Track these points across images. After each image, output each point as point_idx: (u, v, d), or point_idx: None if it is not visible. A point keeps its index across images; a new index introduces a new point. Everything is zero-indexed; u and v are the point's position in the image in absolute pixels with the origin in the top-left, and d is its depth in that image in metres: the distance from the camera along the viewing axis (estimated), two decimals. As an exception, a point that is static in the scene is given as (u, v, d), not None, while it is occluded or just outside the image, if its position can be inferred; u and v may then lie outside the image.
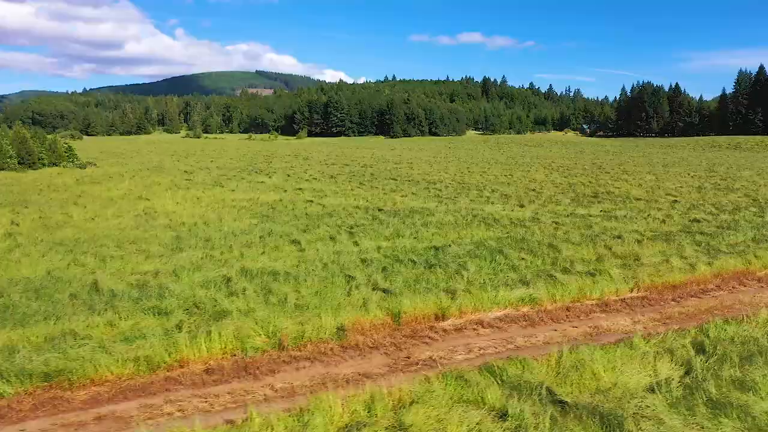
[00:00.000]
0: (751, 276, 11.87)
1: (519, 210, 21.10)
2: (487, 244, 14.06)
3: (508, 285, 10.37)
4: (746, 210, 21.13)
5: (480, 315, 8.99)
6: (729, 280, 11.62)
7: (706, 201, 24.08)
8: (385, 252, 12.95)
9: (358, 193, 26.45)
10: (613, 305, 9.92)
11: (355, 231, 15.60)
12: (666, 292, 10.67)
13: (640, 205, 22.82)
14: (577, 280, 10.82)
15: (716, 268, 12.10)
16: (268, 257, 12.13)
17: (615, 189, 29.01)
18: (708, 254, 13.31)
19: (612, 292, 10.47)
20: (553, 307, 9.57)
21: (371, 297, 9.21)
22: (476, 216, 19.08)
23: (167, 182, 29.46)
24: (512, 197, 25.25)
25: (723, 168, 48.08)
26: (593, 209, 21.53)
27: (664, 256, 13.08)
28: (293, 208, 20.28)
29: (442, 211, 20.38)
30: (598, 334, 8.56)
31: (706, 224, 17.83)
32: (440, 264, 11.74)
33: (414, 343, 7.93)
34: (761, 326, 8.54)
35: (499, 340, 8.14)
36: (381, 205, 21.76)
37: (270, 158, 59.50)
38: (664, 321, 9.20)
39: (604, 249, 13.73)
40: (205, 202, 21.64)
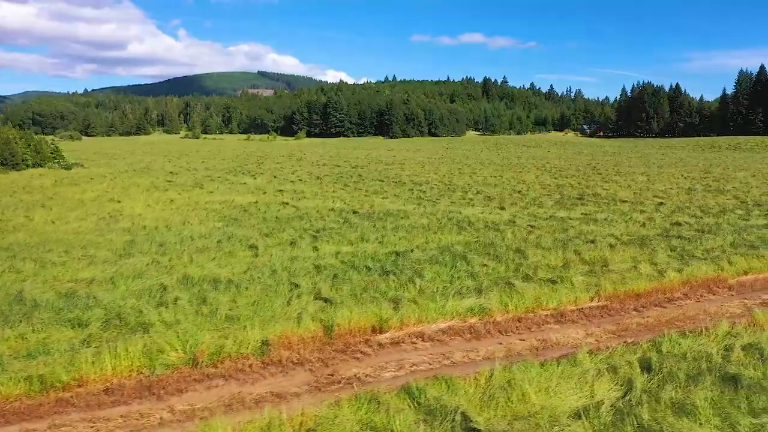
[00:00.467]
0: (722, 283, 11.32)
1: (498, 212, 20.58)
2: (452, 249, 13.54)
3: (462, 294, 9.85)
4: (732, 213, 20.58)
5: (422, 327, 8.47)
6: (698, 287, 11.07)
7: (693, 203, 23.52)
8: (343, 258, 12.45)
9: (339, 194, 25.95)
10: (569, 316, 9.39)
11: (319, 235, 15.10)
12: (628, 302, 10.13)
13: (624, 207, 22.28)
14: (536, 289, 10.30)
15: (686, 275, 11.56)
16: (217, 263, 11.64)
17: (603, 191, 28.46)
18: (681, 260, 12.76)
19: (571, 301, 9.94)
20: (504, 318, 9.05)
21: (308, 308, 8.71)
22: (451, 219, 18.57)
23: (147, 183, 29.01)
24: (495, 199, 24.73)
25: (719, 169, 47.46)
26: (575, 212, 21.00)
27: (634, 262, 12.54)
28: (265, 211, 19.79)
29: (419, 213, 19.87)
30: (545, 348, 8.04)
31: (687, 228, 17.29)
32: (396, 271, 11.23)
33: (343, 359, 7.42)
34: (720, 340, 8.01)
35: (437, 356, 7.62)
36: (358, 208, 21.26)
37: (263, 159, 59.08)
38: (619, 333, 8.67)
39: (573, 254, 13.19)
40: (177, 205, 21.17)
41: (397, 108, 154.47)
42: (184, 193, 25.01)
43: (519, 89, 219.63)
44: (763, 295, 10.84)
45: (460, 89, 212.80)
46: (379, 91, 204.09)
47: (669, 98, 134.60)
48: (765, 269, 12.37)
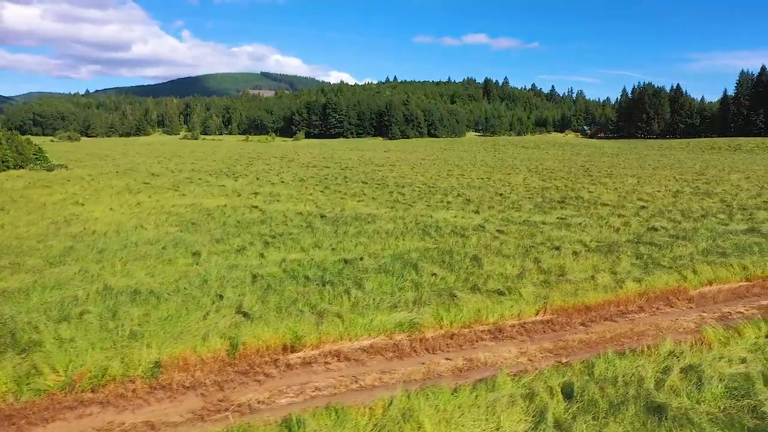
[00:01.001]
0: (682, 294, 10.66)
1: (471, 217, 19.94)
2: (406, 257, 12.92)
3: (397, 307, 9.23)
4: (714, 217, 19.89)
5: (342, 345, 7.85)
6: (656, 300, 10.42)
7: (676, 207, 22.84)
8: (286, 266, 11.84)
9: (314, 197, 25.35)
10: (509, 331, 8.76)
11: (273, 241, 14.49)
12: (576, 315, 9.49)
13: (604, 211, 21.61)
14: (481, 301, 9.68)
15: (645, 286, 10.91)
16: (148, 272, 11.05)
17: (587, 194, 27.78)
18: (644, 269, 12.11)
19: (513, 315, 9.31)
20: (436, 334, 8.42)
21: (220, 323, 8.10)
22: (419, 224, 17.94)
23: (122, 185, 28.47)
24: (474, 202, 24.08)
25: (714, 171, 46.69)
26: (551, 216, 20.35)
27: (594, 271, 11.90)
28: (230, 215, 19.20)
29: (388, 218, 19.24)
30: (470, 369, 7.41)
31: (663, 233, 16.62)
32: (336, 281, 10.62)
33: (242, 382, 6.81)
34: (660, 361, 7.37)
35: (347, 378, 7.00)
36: (328, 211, 20.65)
37: (254, 160, 58.54)
38: (557, 352, 8.04)
39: (532, 263, 12.55)
40: (142, 208, 20.61)
41: (397, 109, 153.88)
42: (156, 196, 24.44)
43: (520, 90, 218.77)
44: (724, 307, 10.19)
45: (460, 90, 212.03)
46: (380, 92, 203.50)
47: (670, 99, 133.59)
48: (731, 279, 11.71)
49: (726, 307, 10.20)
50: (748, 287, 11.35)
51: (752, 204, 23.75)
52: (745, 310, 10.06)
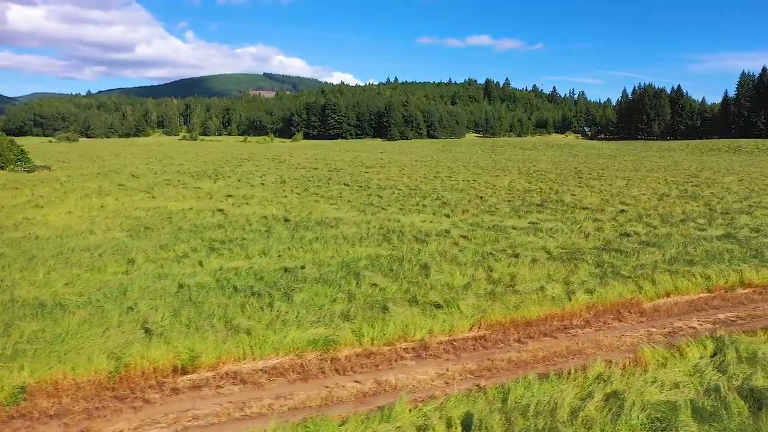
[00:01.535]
0: (635, 307, 9.99)
1: (440, 221, 19.29)
2: (353, 265, 12.29)
3: (320, 321, 8.60)
4: (693, 222, 19.19)
5: (243, 365, 7.22)
6: (605, 313, 9.75)
7: (657, 211, 22.14)
8: (220, 275, 11.22)
9: (288, 200, 24.74)
10: (434, 349, 8.11)
11: (221, 247, 13.88)
12: (514, 331, 8.83)
13: (581, 215, 20.93)
14: (414, 314, 9.04)
15: (597, 298, 10.25)
16: (67, 281, 10.44)
17: (570, 197, 27.08)
18: (601, 279, 11.44)
19: (445, 330, 8.66)
20: (352, 353, 7.78)
21: (112, 341, 7.47)
22: (383, 228, 17.31)
23: (94, 187, 27.90)
24: (449, 205, 23.43)
25: (709, 173, 45.89)
26: (525, 220, 19.69)
27: (547, 280, 11.24)
28: (189, 219, 18.60)
29: (353, 222, 18.61)
30: (377, 393, 6.76)
31: (634, 239, 15.94)
32: (264, 292, 9.99)
33: (117, 409, 6.17)
34: (585, 385, 6.71)
35: (235, 405, 6.36)
36: (294, 215, 20.03)
37: (244, 161, 57.96)
38: (479, 373, 7.39)
39: (484, 271, 11.90)
40: (102, 212, 20.03)
41: (396, 110, 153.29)
42: (124, 199, 23.86)
43: (521, 91, 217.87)
44: (677, 321, 9.52)
45: (461, 91, 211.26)
46: (380, 93, 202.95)
47: (670, 100, 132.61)
48: (692, 290, 11.04)
49: (679, 322, 9.53)
50: (708, 299, 10.67)
51: (737, 208, 23.03)
52: (699, 324, 9.39)
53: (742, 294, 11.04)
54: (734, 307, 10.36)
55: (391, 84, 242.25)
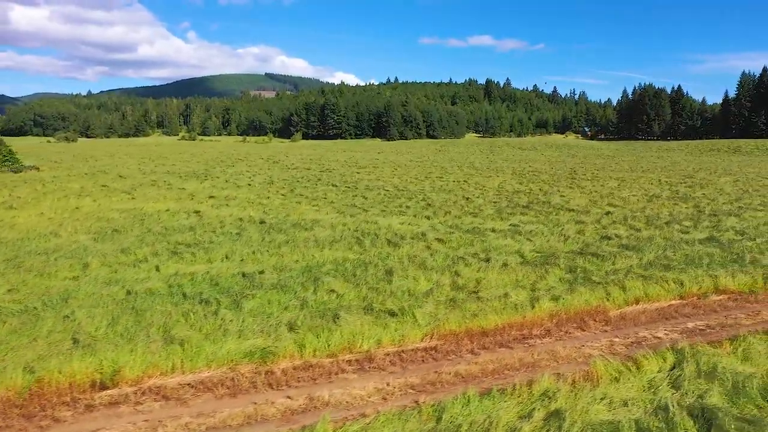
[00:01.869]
0: (600, 316, 9.56)
1: (419, 223, 18.88)
2: (316, 270, 11.89)
3: (263, 331, 8.21)
4: (678, 224, 18.75)
5: (169, 379, 6.82)
6: (568, 322, 9.33)
7: (644, 213, 21.70)
8: (174, 281, 10.83)
9: (269, 201, 24.36)
10: (380, 361, 7.70)
11: (185, 251, 13.50)
12: (468, 341, 8.42)
13: (565, 217, 20.50)
14: (365, 323, 8.64)
15: (562, 306, 9.83)
16: (10, 288, 10.06)
17: (559, 198, 26.64)
18: (570, 285, 11.02)
19: (395, 341, 8.25)
20: (290, 365, 7.37)
21: (30, 353, 7.08)
22: (358, 231, 16.92)
23: (76, 188, 27.57)
24: (433, 207, 23.02)
25: (705, 173, 45.40)
26: (507, 222, 19.27)
27: (513, 287, 10.83)
28: (162, 221, 18.23)
29: (330, 224, 18.22)
30: (306, 411, 6.36)
31: (614, 242, 15.52)
32: (213, 299, 9.60)
33: (21, 428, 5.79)
34: (528, 403, 6.30)
35: (150, 424, 5.96)
36: (271, 217, 19.66)
37: (238, 162, 57.61)
38: (420, 388, 6.98)
39: (451, 277, 11.49)
40: (75, 214, 19.68)
41: (395, 110, 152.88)
42: (103, 200, 23.51)
43: (522, 91, 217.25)
44: (642, 331, 9.09)
45: (461, 91, 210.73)
46: (380, 93, 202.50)
47: (671, 100, 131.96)
48: (663, 297, 10.61)
49: (645, 331, 9.10)
50: (679, 307, 10.24)
51: (726, 210, 22.57)
52: (665, 334, 8.97)
53: (715, 301, 10.61)
54: (706, 315, 9.93)
55: (391, 84, 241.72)
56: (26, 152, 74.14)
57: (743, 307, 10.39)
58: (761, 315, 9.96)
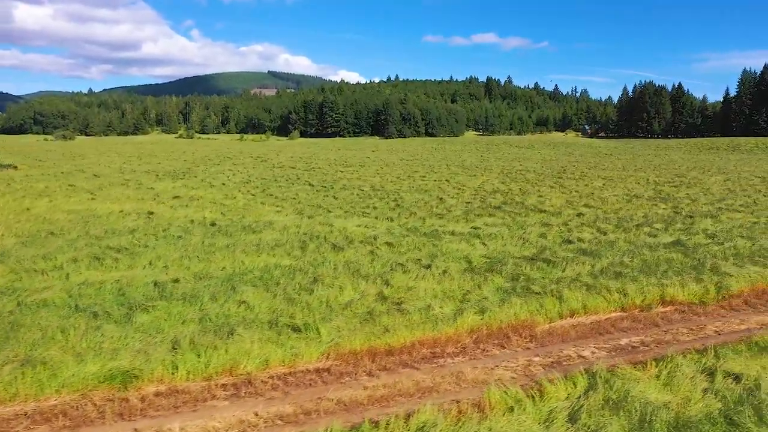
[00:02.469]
0: (526, 331, 8.78)
1: (377, 225, 18.13)
2: (238, 278, 11.16)
3: (140, 351, 7.44)
4: (649, 226, 17.95)
5: (7, 408, 6.06)
6: (489, 337, 8.55)
7: (618, 214, 20.89)
8: (78, 291, 10.10)
9: (234, 202, 23.65)
10: (259, 386, 6.93)
11: (107, 256, 12.76)
12: (369, 360, 7.65)
13: (534, 219, 19.70)
14: (261, 340, 7.90)
15: (488, 319, 9.06)
16: None
17: (536, 198, 25.83)
18: (505, 295, 10.23)
19: (285, 360, 7.49)
20: (152, 391, 6.62)
21: None
22: (307, 234, 16.17)
23: (40, 188, 26.92)
24: (402, 208, 22.24)
25: (697, 172, 44.54)
26: (471, 224, 18.51)
27: (442, 297, 10.06)
28: (107, 223, 17.52)
29: (283, 227, 17.48)
30: (146, 448, 5.59)
31: (574, 247, 14.73)
32: (103, 312, 8.84)
33: None
34: (399, 439, 5.51)
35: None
36: (226, 219, 18.95)
37: (224, 160, 56.94)
38: (292, 420, 6.21)
39: (380, 286, 10.72)
40: (23, 214, 19.00)
41: (394, 108, 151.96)
42: (61, 200, 22.85)
43: (522, 89, 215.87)
44: (568, 348, 8.30)
45: (462, 89, 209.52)
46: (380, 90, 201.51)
47: (671, 98, 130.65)
48: (601, 309, 9.82)
49: (572, 348, 8.32)
50: (617, 320, 9.44)
51: (704, 211, 21.73)
52: (592, 352, 8.18)
53: (659, 313, 9.81)
54: (645, 329, 9.13)
55: (392, 82, 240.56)
56: (16, 151, 73.75)
57: (688, 320, 9.60)
58: (705, 329, 9.16)
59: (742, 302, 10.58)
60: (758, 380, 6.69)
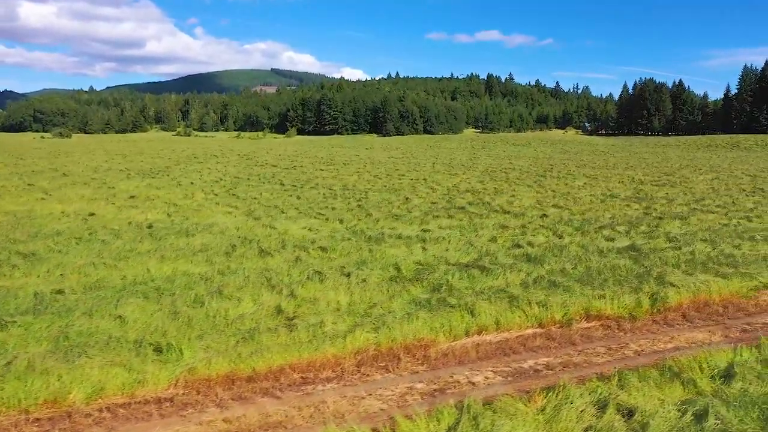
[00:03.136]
0: (419, 352, 7.88)
1: (322, 228, 17.27)
2: (130, 289, 10.29)
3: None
4: (611, 229, 17.04)
5: None
6: (376, 360, 7.65)
7: (585, 215, 19.96)
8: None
9: (188, 203, 22.85)
10: (79, 420, 6.07)
11: (9, 263, 11.92)
12: (221, 389, 6.77)
13: (493, 220, 18.80)
14: (107, 363, 7.00)
15: (382, 338, 8.18)
16: None
17: (507, 198, 24.90)
18: (415, 309, 9.31)
19: (125, 388, 6.61)
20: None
21: None
22: (241, 237, 15.31)
23: (-4, 189, 26.24)
24: (361, 208, 21.38)
25: (687, 170, 43.45)
26: (424, 226, 17.62)
27: (343, 312, 9.16)
28: (37, 226, 16.70)
29: (222, 229, 16.63)
30: None
31: (521, 251, 13.83)
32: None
33: None
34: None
35: None
36: (168, 221, 18.15)
37: (208, 158, 56.15)
38: (94, 464, 5.30)
39: (282, 298, 9.83)
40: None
41: (392, 105, 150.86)
42: (8, 200, 22.10)
43: (524, 86, 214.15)
44: (461, 373, 7.40)
45: (462, 86, 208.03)
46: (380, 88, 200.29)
47: (672, 95, 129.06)
48: (515, 325, 8.89)
49: (465, 372, 7.40)
50: (529, 338, 8.52)
51: (677, 212, 20.76)
52: (485, 378, 7.27)
53: (581, 330, 8.88)
54: (558, 349, 8.20)
55: (392, 79, 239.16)
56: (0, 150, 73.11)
57: (611, 338, 8.66)
58: (625, 349, 8.23)
59: (679, 316, 9.65)
60: (651, 417, 5.76)
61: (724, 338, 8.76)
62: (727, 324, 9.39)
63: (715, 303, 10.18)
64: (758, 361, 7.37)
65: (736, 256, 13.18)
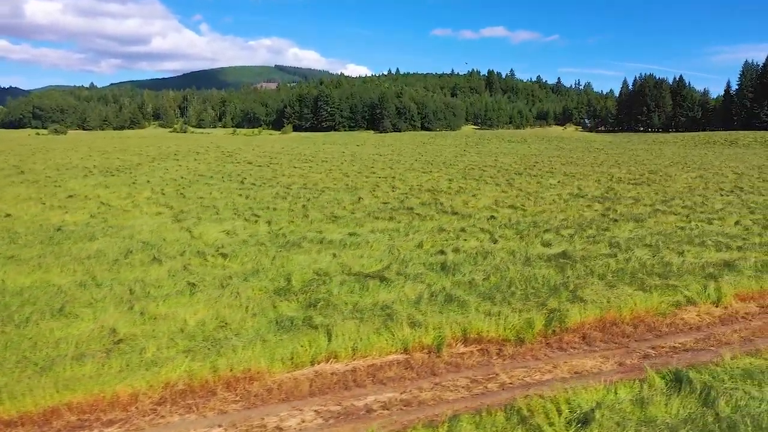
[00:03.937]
0: (241, 386, 6.74)
1: (249, 230, 16.13)
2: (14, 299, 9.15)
3: None
4: (554, 233, 15.83)
5: None
6: (181, 396, 6.54)
7: (537, 217, 18.73)
8: None
9: (126, 202, 21.73)
10: None
11: None
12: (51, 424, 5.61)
13: (435, 223, 17.66)
14: None
15: (205, 367, 6.98)
16: None
17: (464, 198, 23.64)
18: (272, 330, 8.16)
19: None
20: None
21: None
22: (143, 242, 14.16)
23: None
24: (305, 209, 20.21)
25: (674, 168, 41.98)
26: (353, 230, 16.42)
27: (185, 333, 8.00)
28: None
29: (131, 234, 15.48)
30: None
31: (440, 259, 12.68)
32: None
33: None
34: None
35: None
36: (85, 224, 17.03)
37: (187, 155, 55.05)
38: None
39: (129, 315, 8.68)
40: None
41: (389, 101, 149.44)
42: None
43: (524, 82, 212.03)
44: (279, 411, 6.26)
45: (462, 82, 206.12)
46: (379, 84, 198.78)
47: (672, 91, 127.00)
48: (376, 350, 7.73)
49: (282, 412, 6.25)
50: (383, 366, 7.35)
51: (637, 213, 19.52)
52: (301, 420, 6.10)
53: (452, 356, 7.72)
54: (413, 381, 7.03)
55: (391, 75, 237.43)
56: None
57: (482, 367, 7.48)
58: (492, 382, 7.05)
59: (578, 338, 8.46)
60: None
61: (617, 366, 7.57)
62: (630, 348, 8.20)
63: (625, 322, 8.98)
64: (632, 401, 6.18)
65: (673, 265, 11.94)
